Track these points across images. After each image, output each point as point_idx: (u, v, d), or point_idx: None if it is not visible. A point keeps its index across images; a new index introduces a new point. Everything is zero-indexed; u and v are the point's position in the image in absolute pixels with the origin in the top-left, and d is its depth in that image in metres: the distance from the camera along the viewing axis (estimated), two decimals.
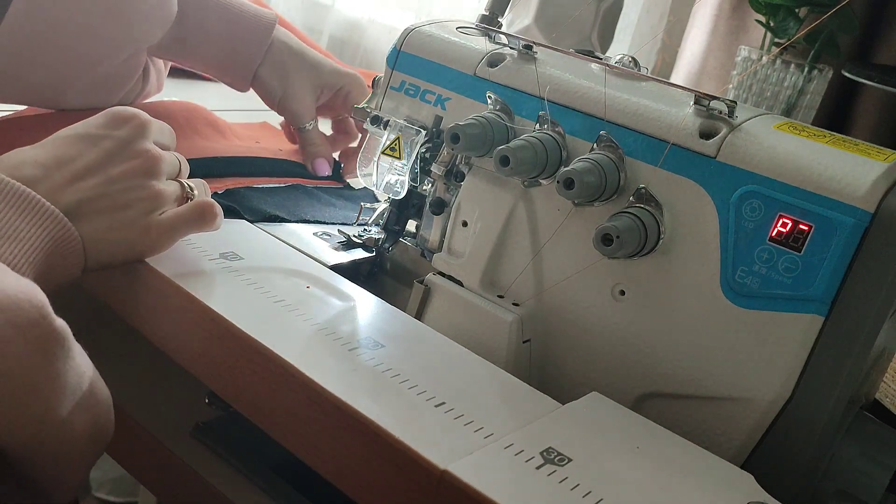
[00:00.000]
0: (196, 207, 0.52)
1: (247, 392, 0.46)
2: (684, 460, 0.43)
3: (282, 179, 0.71)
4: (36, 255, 0.43)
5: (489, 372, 0.48)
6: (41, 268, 0.43)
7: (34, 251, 0.43)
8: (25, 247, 0.43)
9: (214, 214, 0.52)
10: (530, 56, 0.55)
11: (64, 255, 0.45)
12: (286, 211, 0.65)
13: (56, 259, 0.45)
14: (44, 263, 0.44)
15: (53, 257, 0.44)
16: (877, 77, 0.83)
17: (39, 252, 0.43)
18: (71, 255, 0.46)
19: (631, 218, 0.46)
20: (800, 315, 0.44)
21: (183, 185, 0.54)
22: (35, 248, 0.43)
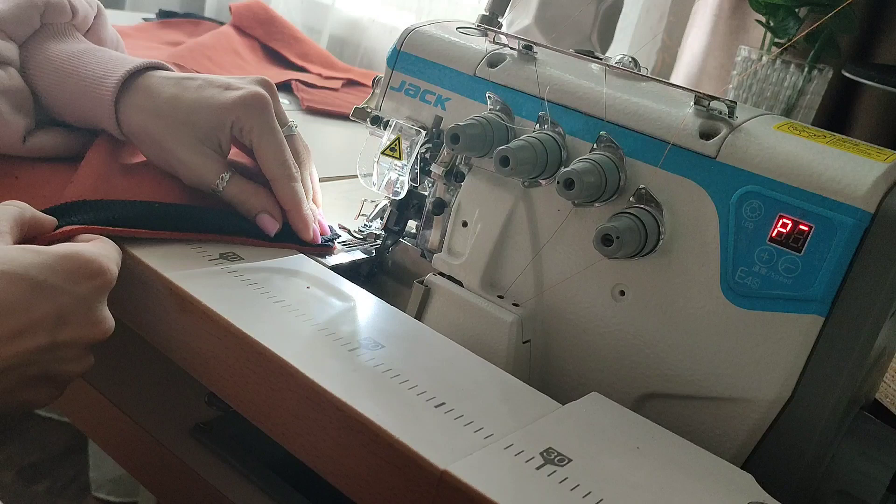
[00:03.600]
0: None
1: (246, 392, 0.46)
2: (684, 460, 0.42)
3: (265, 244, 0.58)
4: None
5: (489, 372, 0.48)
6: None
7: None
8: None
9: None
10: (530, 56, 0.55)
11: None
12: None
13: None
14: None
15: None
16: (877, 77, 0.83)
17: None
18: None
19: (631, 218, 0.46)
20: (800, 315, 0.44)
21: None
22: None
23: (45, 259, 0.42)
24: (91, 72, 0.59)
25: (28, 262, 0.41)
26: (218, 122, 0.57)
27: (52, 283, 0.42)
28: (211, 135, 0.57)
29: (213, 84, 0.59)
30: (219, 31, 1.23)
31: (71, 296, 0.42)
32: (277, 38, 1.28)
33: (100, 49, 0.62)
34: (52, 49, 0.60)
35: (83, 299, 0.43)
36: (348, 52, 1.51)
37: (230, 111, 0.57)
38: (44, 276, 0.41)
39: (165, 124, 0.57)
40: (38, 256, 0.42)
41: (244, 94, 0.57)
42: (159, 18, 1.34)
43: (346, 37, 1.52)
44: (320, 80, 1.19)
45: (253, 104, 0.57)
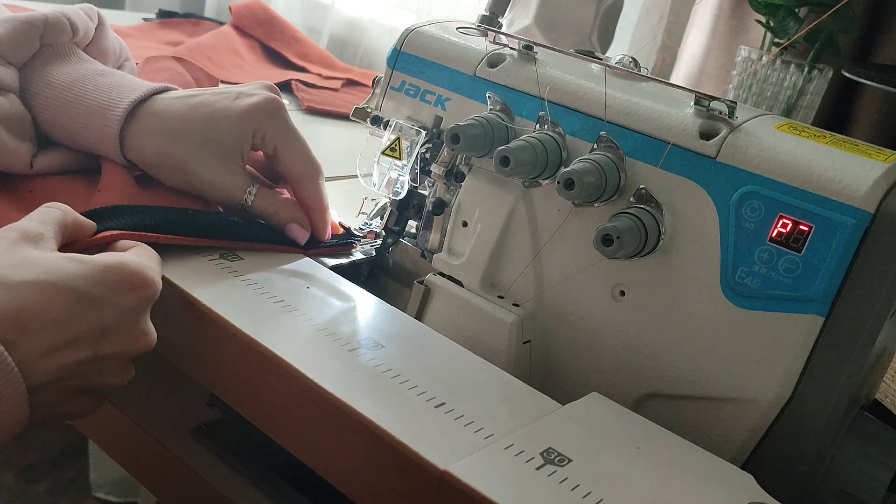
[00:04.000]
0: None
1: (247, 393, 0.46)
2: (684, 460, 0.42)
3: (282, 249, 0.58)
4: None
5: (489, 372, 0.48)
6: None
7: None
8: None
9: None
10: (530, 56, 0.55)
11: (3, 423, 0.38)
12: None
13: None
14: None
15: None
16: (877, 77, 0.83)
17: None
18: (6, 426, 0.38)
19: (631, 218, 0.46)
20: (800, 315, 0.44)
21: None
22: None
23: (91, 270, 0.41)
24: (94, 101, 0.57)
25: (73, 273, 0.41)
26: (239, 133, 0.56)
27: (97, 295, 0.41)
28: (234, 149, 0.56)
29: (222, 96, 0.57)
30: (219, 31, 1.23)
31: (115, 308, 0.42)
32: (277, 38, 1.28)
33: (102, 73, 0.59)
34: (52, 74, 0.58)
35: (127, 312, 0.42)
36: (348, 52, 1.51)
37: (250, 120, 0.56)
38: (89, 287, 0.41)
39: (185, 146, 0.56)
40: (84, 267, 0.41)
41: (260, 101, 0.56)
42: (159, 18, 1.34)
43: (346, 37, 1.52)
44: (320, 80, 1.19)
45: (271, 109, 0.56)
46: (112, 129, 0.56)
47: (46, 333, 0.39)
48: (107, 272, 0.42)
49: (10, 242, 0.42)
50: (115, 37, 0.67)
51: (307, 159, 0.58)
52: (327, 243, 0.60)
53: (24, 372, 0.38)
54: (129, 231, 0.50)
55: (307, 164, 0.58)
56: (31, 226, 0.43)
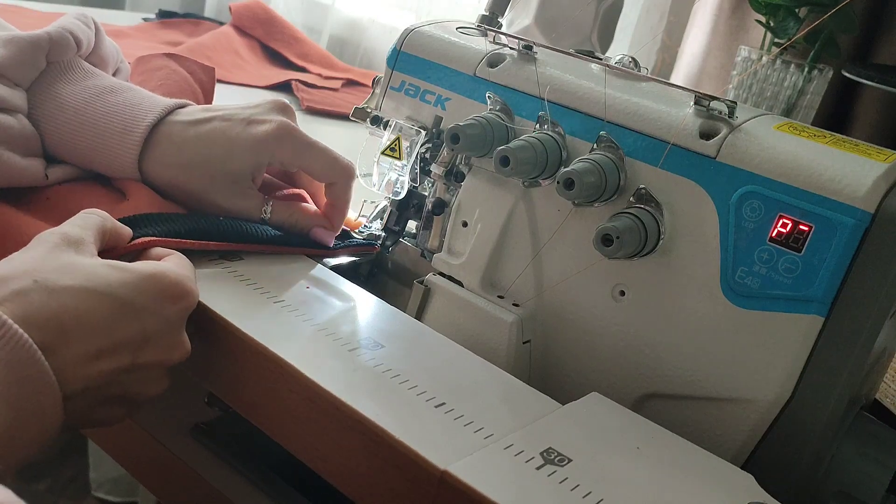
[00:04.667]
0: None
1: (246, 393, 0.46)
2: (684, 460, 0.42)
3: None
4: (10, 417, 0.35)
5: (489, 372, 0.48)
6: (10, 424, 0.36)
7: (15, 413, 0.35)
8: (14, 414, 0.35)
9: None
10: (530, 56, 0.55)
11: (37, 428, 0.37)
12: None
13: (25, 428, 0.36)
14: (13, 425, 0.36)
15: (24, 426, 0.36)
16: (877, 77, 0.83)
17: (14, 416, 0.35)
18: (41, 432, 0.37)
19: (631, 218, 0.46)
20: (800, 315, 0.44)
21: None
22: (19, 413, 0.36)
23: (133, 278, 0.41)
24: (109, 124, 0.56)
25: (116, 281, 0.41)
26: (253, 163, 0.56)
27: (139, 303, 0.41)
28: (247, 175, 0.57)
29: (233, 122, 0.57)
30: (219, 31, 1.23)
31: (156, 317, 0.42)
32: (277, 38, 1.28)
33: (111, 90, 0.59)
34: (62, 94, 0.57)
35: (167, 322, 0.42)
36: (348, 52, 1.51)
37: (264, 150, 0.56)
38: (131, 296, 0.41)
39: (199, 178, 0.56)
40: (126, 275, 0.41)
41: (271, 130, 0.56)
42: (159, 18, 1.34)
43: (346, 37, 1.52)
44: (320, 80, 1.19)
45: (282, 136, 0.56)
46: (129, 155, 0.56)
47: (87, 340, 0.39)
48: (148, 281, 0.42)
49: (53, 247, 0.42)
50: (110, 41, 0.66)
51: (335, 166, 0.58)
52: (352, 243, 0.61)
53: (62, 378, 0.37)
54: (164, 238, 0.50)
55: (335, 171, 0.58)
56: (73, 231, 0.43)
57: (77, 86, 0.58)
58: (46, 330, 0.37)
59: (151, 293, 0.42)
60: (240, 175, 0.56)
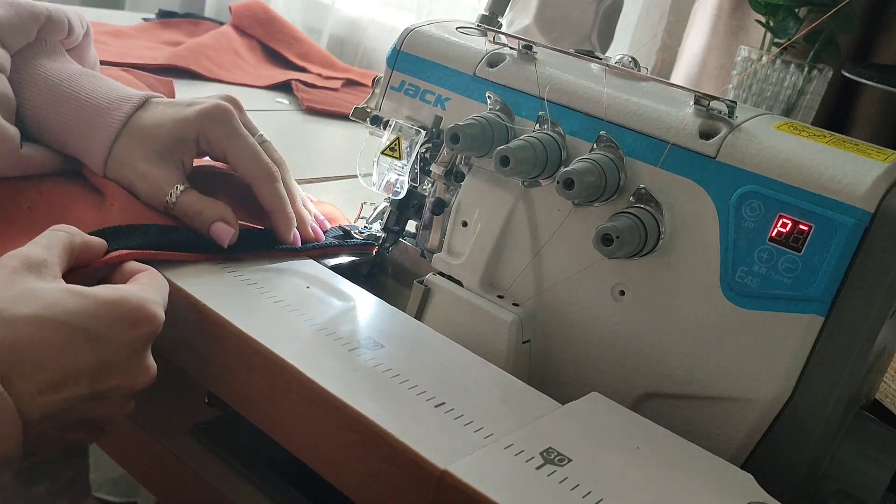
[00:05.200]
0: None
1: (246, 392, 0.46)
2: (684, 460, 0.42)
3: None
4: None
5: (489, 372, 0.48)
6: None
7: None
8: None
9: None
10: (530, 56, 0.55)
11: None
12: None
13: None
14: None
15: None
16: (877, 77, 0.83)
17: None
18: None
19: (631, 218, 0.46)
20: (800, 315, 0.44)
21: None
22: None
23: (90, 305, 0.41)
24: (93, 100, 0.57)
25: (72, 309, 0.40)
26: (181, 135, 0.57)
27: (95, 331, 0.40)
28: (173, 149, 0.57)
29: (177, 103, 0.59)
30: (219, 31, 1.23)
31: (113, 345, 0.41)
32: (277, 38, 1.28)
33: (94, 74, 0.60)
34: (44, 67, 0.58)
35: (126, 348, 0.42)
36: (348, 52, 1.51)
37: (193, 124, 0.57)
38: (87, 324, 0.40)
39: (129, 141, 0.56)
40: (83, 302, 0.41)
41: (206, 106, 0.57)
42: (159, 18, 1.34)
43: (346, 37, 1.52)
44: (320, 80, 1.19)
45: (215, 114, 0.57)
46: (108, 132, 0.56)
47: (43, 370, 0.38)
48: (106, 307, 0.41)
49: (11, 272, 0.41)
50: (94, 53, 0.67)
51: (258, 163, 0.57)
52: (349, 242, 0.60)
53: (21, 408, 0.37)
54: (139, 250, 0.49)
55: (258, 168, 0.57)
56: (35, 252, 0.43)
57: (59, 64, 0.59)
58: (2, 361, 0.37)
59: (108, 320, 0.41)
60: (165, 145, 0.56)
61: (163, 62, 1.04)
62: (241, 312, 0.47)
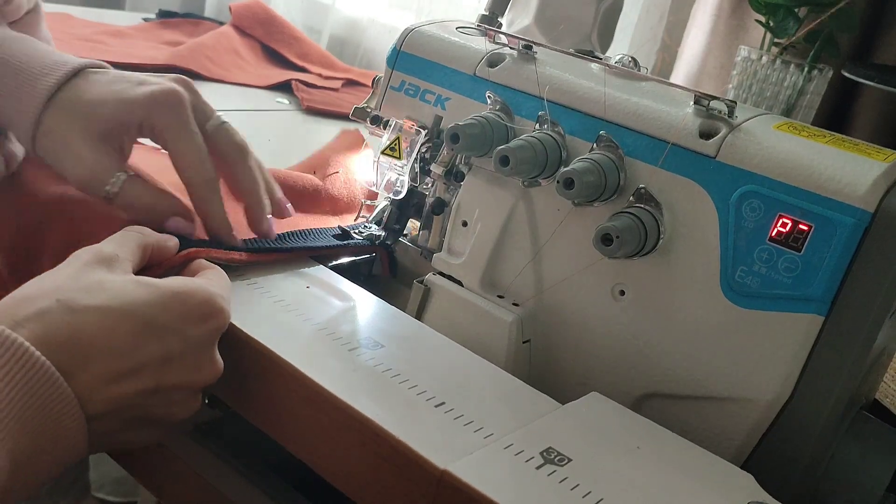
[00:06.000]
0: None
1: (247, 393, 0.46)
2: (684, 460, 0.42)
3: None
4: (19, 437, 0.35)
5: (489, 372, 0.48)
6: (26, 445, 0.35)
7: (27, 435, 0.35)
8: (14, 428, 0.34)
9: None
10: (530, 56, 0.55)
11: (59, 452, 0.37)
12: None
13: (46, 450, 0.36)
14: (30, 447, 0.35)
15: (44, 450, 0.36)
16: (877, 77, 0.83)
17: (26, 435, 0.35)
18: (65, 454, 0.37)
19: (631, 218, 0.46)
20: (800, 315, 0.44)
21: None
22: (40, 440, 0.36)
23: (158, 297, 0.40)
24: (24, 65, 0.51)
25: (141, 300, 0.39)
26: (125, 118, 0.51)
27: (163, 323, 0.40)
28: (114, 131, 0.51)
29: (125, 79, 0.53)
30: (219, 31, 1.23)
31: (181, 338, 0.40)
32: (277, 38, 1.28)
33: (29, 38, 0.54)
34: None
35: (193, 342, 0.41)
36: (348, 52, 1.51)
37: (139, 107, 0.51)
38: (155, 314, 0.39)
39: (65, 113, 0.51)
40: (153, 293, 0.40)
41: (155, 90, 0.51)
42: (159, 18, 1.34)
43: (346, 37, 1.52)
44: (320, 80, 1.19)
45: (165, 101, 0.51)
46: (37, 98, 0.51)
47: (108, 362, 0.38)
48: (173, 299, 0.40)
49: (83, 265, 0.41)
50: (48, 34, 0.62)
51: (196, 164, 0.52)
52: (352, 243, 0.60)
53: (84, 401, 0.37)
54: (212, 249, 0.50)
55: (198, 173, 0.52)
56: (107, 248, 0.43)
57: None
58: (66, 351, 0.37)
59: (176, 312, 0.40)
60: (106, 125, 0.51)
61: (163, 62, 1.04)
62: (241, 312, 0.47)
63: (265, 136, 0.92)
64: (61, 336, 0.37)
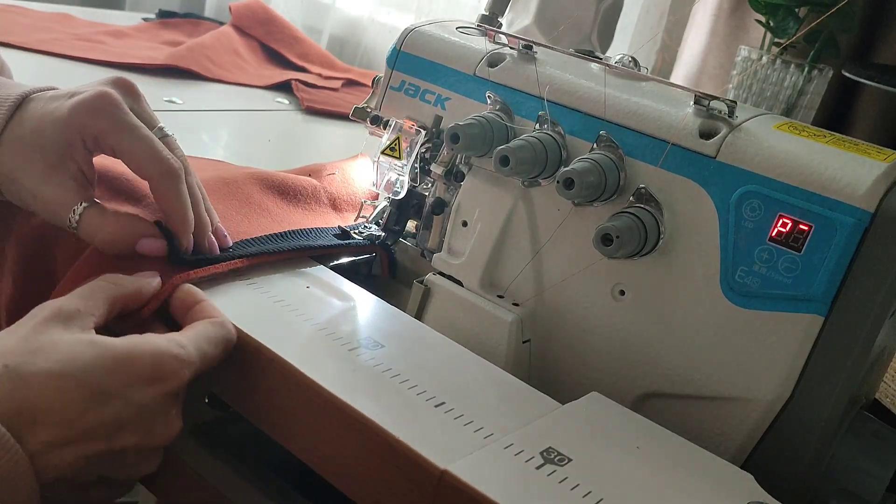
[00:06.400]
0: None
1: (247, 392, 0.46)
2: (684, 460, 0.42)
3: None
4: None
5: (489, 372, 0.48)
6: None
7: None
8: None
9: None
10: (530, 56, 0.55)
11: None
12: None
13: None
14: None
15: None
16: (877, 77, 0.83)
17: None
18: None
19: (631, 218, 0.46)
20: (800, 315, 0.44)
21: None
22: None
23: (104, 361, 0.39)
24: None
25: (88, 364, 0.38)
26: (63, 139, 0.47)
27: (109, 388, 0.38)
28: (63, 157, 0.48)
29: (58, 97, 0.49)
30: (219, 31, 1.23)
31: (127, 402, 0.39)
32: (277, 38, 1.28)
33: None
34: None
35: (143, 406, 0.39)
36: (348, 52, 1.51)
37: (72, 122, 0.47)
38: (100, 380, 0.38)
39: (12, 153, 0.48)
40: (99, 356, 0.39)
41: (84, 98, 0.48)
42: (159, 18, 1.34)
43: (346, 37, 1.52)
44: (320, 80, 1.19)
45: (94, 106, 0.47)
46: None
47: (55, 428, 0.37)
48: (120, 364, 0.39)
49: (39, 323, 0.40)
50: (2, 59, 0.59)
51: (154, 160, 0.48)
52: (352, 243, 0.60)
53: (35, 466, 0.36)
54: (186, 272, 0.48)
55: (154, 166, 0.48)
56: (69, 303, 0.41)
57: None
58: (13, 419, 0.36)
59: (121, 377, 0.39)
60: (53, 153, 0.47)
61: (163, 62, 1.04)
62: (241, 312, 0.47)
63: (265, 136, 0.92)
64: (7, 404, 0.36)
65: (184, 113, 0.89)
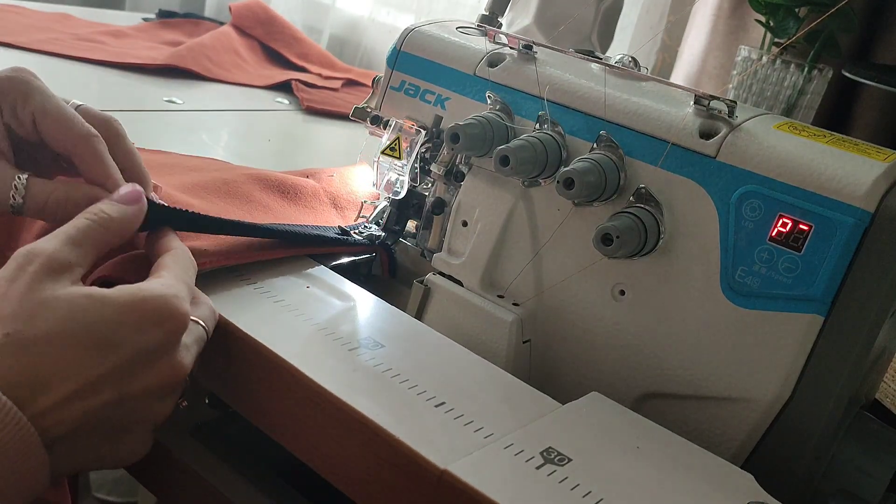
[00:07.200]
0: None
1: (247, 392, 0.46)
2: (684, 460, 0.42)
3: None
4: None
5: (489, 372, 0.48)
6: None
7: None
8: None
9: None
10: (530, 56, 0.55)
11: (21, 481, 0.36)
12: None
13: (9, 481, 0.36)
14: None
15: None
16: (877, 77, 0.83)
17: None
18: (30, 480, 0.36)
19: (631, 218, 0.46)
20: (800, 315, 0.44)
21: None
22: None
23: (110, 312, 0.38)
24: None
25: (91, 318, 0.38)
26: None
27: (118, 337, 0.38)
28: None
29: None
30: (219, 31, 1.23)
31: (137, 347, 0.39)
32: (277, 38, 1.28)
33: None
34: None
35: (152, 348, 0.39)
36: (348, 52, 1.51)
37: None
38: (107, 331, 0.38)
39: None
40: (103, 308, 0.38)
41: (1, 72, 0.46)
42: (159, 18, 1.34)
43: (346, 37, 1.53)
44: (320, 80, 1.19)
45: (14, 79, 0.46)
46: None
47: (65, 384, 0.37)
48: (127, 312, 0.39)
49: (31, 280, 0.39)
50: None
51: (72, 126, 0.46)
52: (352, 242, 0.59)
53: (43, 424, 0.36)
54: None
55: (73, 131, 0.46)
56: (61, 253, 0.40)
57: None
58: (21, 385, 0.36)
59: (130, 324, 0.39)
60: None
61: (163, 62, 1.04)
62: (241, 312, 0.47)
63: (265, 136, 0.92)
64: (14, 373, 0.36)
65: (184, 113, 0.90)
